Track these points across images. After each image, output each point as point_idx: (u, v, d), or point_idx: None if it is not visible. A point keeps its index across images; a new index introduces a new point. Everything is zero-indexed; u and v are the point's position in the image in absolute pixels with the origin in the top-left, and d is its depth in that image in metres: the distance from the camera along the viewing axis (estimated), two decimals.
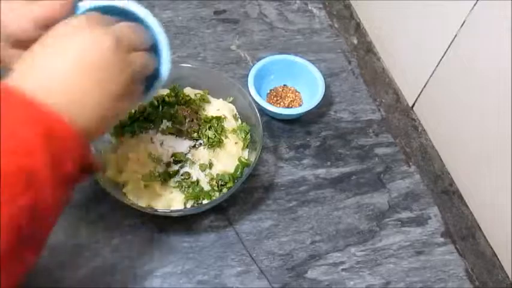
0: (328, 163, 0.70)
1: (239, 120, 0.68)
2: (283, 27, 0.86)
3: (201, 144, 0.63)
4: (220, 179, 0.61)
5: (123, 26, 0.42)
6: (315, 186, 0.67)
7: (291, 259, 0.60)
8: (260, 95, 0.70)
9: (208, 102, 0.68)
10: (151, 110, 0.65)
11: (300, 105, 0.74)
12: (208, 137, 0.63)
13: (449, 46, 0.66)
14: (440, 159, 0.73)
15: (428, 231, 0.64)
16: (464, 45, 0.63)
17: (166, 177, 0.59)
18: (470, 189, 0.68)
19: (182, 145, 0.63)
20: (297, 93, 0.76)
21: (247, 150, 0.65)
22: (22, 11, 0.42)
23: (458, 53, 0.65)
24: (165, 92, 0.67)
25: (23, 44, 0.41)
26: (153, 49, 0.46)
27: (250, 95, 0.68)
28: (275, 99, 0.75)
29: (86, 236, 0.59)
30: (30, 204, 0.33)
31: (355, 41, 0.88)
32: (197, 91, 0.69)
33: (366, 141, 0.73)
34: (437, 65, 0.69)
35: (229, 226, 0.62)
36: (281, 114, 0.71)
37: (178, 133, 0.64)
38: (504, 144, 0.58)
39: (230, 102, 0.69)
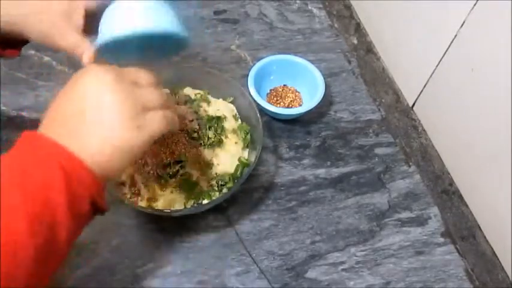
0: (328, 163, 0.70)
1: (239, 120, 0.68)
2: (283, 27, 0.86)
3: (201, 144, 0.63)
4: (220, 179, 0.61)
5: (131, 68, 0.43)
6: (315, 186, 0.67)
7: (291, 259, 0.60)
8: (260, 95, 0.70)
9: (208, 102, 0.68)
10: None
11: (300, 105, 0.74)
12: (208, 137, 0.63)
13: (449, 46, 0.66)
14: (440, 159, 0.73)
15: (428, 231, 0.64)
16: (464, 45, 0.63)
17: (166, 177, 0.59)
18: (470, 189, 0.68)
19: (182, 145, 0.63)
20: (297, 93, 0.76)
21: (247, 150, 0.65)
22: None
23: (458, 53, 0.65)
24: (165, 92, 0.67)
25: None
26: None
27: (250, 95, 0.68)
28: (275, 99, 0.75)
29: (86, 236, 0.59)
30: (47, 240, 0.34)
31: (355, 41, 0.88)
32: (197, 91, 0.69)
33: (366, 141, 0.73)
34: (437, 65, 0.69)
35: (229, 226, 0.62)
36: (281, 114, 0.71)
37: (179, 133, 0.64)
38: (504, 144, 0.58)
39: (230, 102, 0.69)
